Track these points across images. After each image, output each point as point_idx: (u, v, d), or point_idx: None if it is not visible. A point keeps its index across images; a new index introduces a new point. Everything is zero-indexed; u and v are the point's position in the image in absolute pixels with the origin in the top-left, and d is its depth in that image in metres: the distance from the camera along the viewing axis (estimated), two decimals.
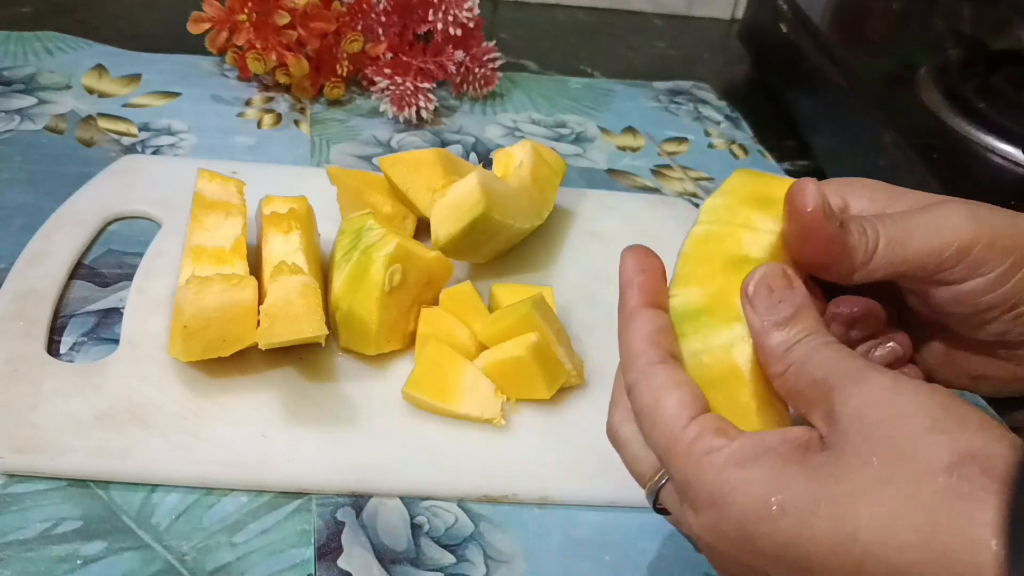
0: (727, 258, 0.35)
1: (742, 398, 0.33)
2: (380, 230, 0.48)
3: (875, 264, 0.34)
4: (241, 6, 0.69)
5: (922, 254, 0.34)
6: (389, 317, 0.48)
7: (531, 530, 0.42)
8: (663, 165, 0.72)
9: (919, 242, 0.34)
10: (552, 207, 0.60)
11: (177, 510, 0.41)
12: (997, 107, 0.62)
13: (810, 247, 0.34)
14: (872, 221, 0.35)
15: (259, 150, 0.66)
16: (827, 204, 0.33)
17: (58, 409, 0.43)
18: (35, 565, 0.38)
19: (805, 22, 0.80)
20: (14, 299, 0.48)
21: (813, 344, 0.31)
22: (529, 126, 0.75)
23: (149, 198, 0.57)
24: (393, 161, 0.55)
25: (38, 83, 0.69)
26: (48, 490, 0.41)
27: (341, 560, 0.40)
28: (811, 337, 0.32)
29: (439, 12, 0.72)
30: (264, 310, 0.43)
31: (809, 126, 0.78)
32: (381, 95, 0.71)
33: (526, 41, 0.90)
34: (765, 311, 0.32)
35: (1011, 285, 0.34)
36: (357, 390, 0.47)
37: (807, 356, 0.31)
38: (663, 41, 0.96)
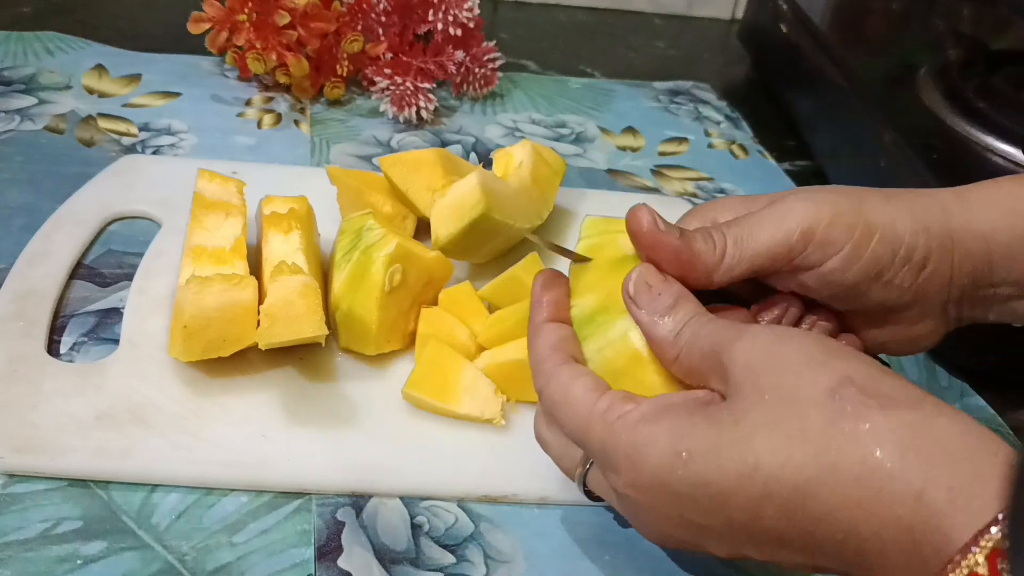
0: (610, 261, 0.39)
1: (647, 378, 0.36)
2: (380, 230, 0.48)
3: (729, 262, 0.37)
4: (241, 6, 0.69)
5: (772, 244, 0.37)
6: (389, 317, 0.48)
7: (531, 530, 0.42)
8: (663, 165, 0.72)
9: (765, 234, 0.37)
10: (552, 207, 0.60)
11: (177, 510, 0.41)
12: (997, 107, 0.62)
13: (661, 259, 0.37)
14: (718, 227, 0.38)
15: (259, 150, 0.66)
16: (660, 220, 0.37)
17: (58, 409, 0.43)
18: (35, 565, 0.38)
19: (805, 22, 0.80)
20: (14, 299, 0.48)
21: (697, 324, 0.35)
22: (529, 126, 0.75)
23: (149, 198, 0.57)
24: (393, 161, 0.55)
25: (38, 83, 0.69)
26: (48, 490, 0.41)
27: (341, 560, 0.40)
28: (695, 319, 0.35)
29: (439, 12, 0.72)
30: (264, 310, 0.43)
31: (809, 126, 0.78)
32: (381, 95, 0.71)
33: (526, 41, 0.90)
34: (648, 305, 0.36)
35: (867, 257, 0.37)
36: (357, 390, 0.47)
37: (694, 335, 0.34)
38: (663, 41, 0.96)
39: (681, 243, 0.37)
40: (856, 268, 0.38)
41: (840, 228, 0.37)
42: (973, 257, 0.38)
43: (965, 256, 0.38)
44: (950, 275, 0.38)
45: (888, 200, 0.38)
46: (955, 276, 0.38)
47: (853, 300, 0.39)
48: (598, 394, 0.35)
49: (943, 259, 0.38)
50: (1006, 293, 0.39)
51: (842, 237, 0.37)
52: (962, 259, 0.38)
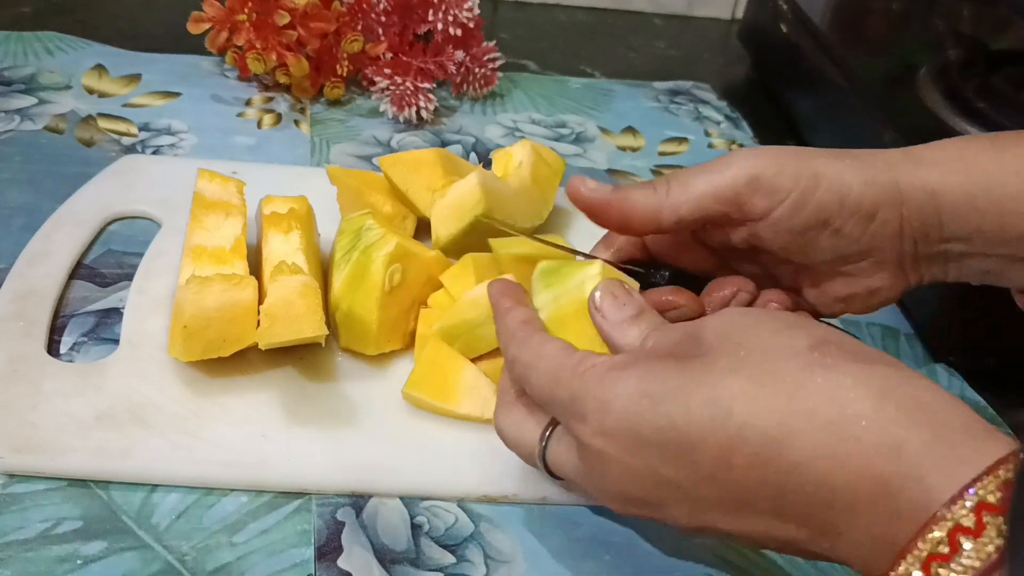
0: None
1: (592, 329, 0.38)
2: (380, 230, 0.48)
3: (674, 201, 0.39)
4: (241, 6, 0.69)
5: (719, 186, 0.39)
6: (389, 317, 0.48)
7: (531, 530, 0.42)
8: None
9: (712, 177, 0.39)
10: (552, 207, 0.60)
11: (177, 510, 0.41)
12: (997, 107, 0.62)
13: (602, 214, 0.40)
14: (665, 176, 0.40)
15: (259, 150, 0.66)
16: (592, 182, 0.40)
17: (58, 409, 0.43)
18: (35, 565, 0.38)
19: (805, 22, 0.80)
20: (14, 299, 0.48)
21: (663, 329, 0.36)
22: (529, 126, 0.75)
23: (149, 198, 0.57)
24: (393, 161, 0.55)
25: (38, 83, 0.69)
26: (48, 490, 0.41)
27: (341, 560, 0.40)
28: (660, 326, 0.36)
29: (439, 12, 0.72)
30: (264, 310, 0.43)
31: (809, 126, 0.78)
32: (381, 95, 0.71)
33: (526, 41, 0.90)
34: (614, 314, 0.37)
35: (813, 205, 0.38)
36: (357, 390, 0.47)
37: (661, 336, 0.35)
38: (663, 41, 0.96)
39: (615, 195, 0.40)
40: (803, 215, 0.38)
41: (786, 176, 0.38)
42: (922, 212, 0.39)
43: (914, 210, 0.39)
44: (899, 227, 0.39)
45: (835, 155, 0.39)
46: (905, 228, 0.39)
47: (805, 251, 0.40)
48: (571, 350, 0.35)
49: (891, 211, 0.38)
50: (959, 250, 0.39)
51: (787, 184, 0.38)
52: (911, 213, 0.39)
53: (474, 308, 0.45)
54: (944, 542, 0.25)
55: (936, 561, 0.25)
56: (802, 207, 0.38)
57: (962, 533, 0.25)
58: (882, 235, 0.39)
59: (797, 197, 0.38)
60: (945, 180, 0.38)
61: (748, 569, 0.42)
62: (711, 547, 0.42)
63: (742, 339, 0.32)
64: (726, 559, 0.42)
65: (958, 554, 0.25)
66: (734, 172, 0.39)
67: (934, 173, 0.38)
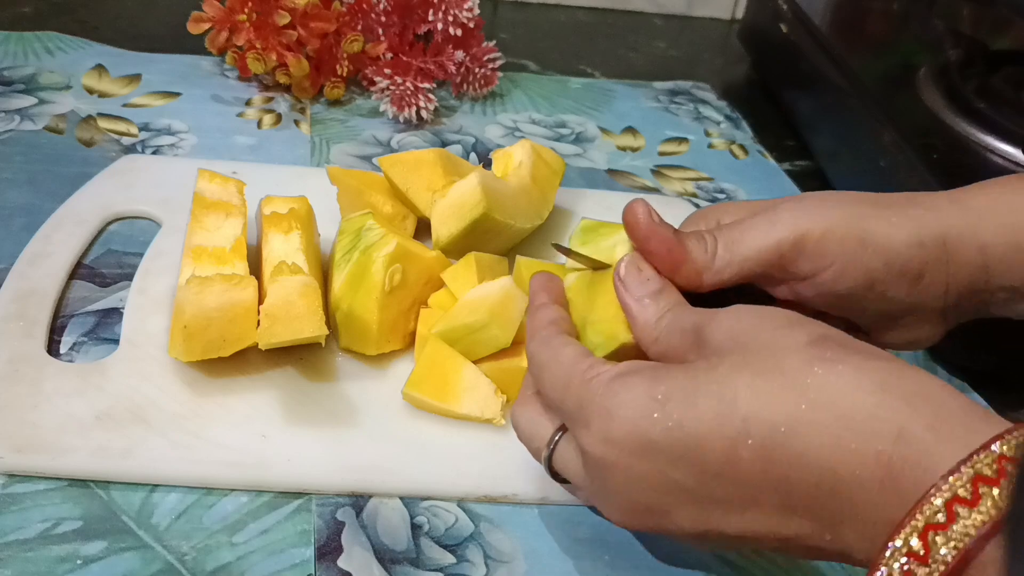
0: None
1: None
2: (380, 230, 0.48)
3: (719, 264, 0.38)
4: (241, 6, 0.69)
5: (762, 251, 0.38)
6: (389, 317, 0.48)
7: (531, 530, 0.42)
8: (663, 165, 0.72)
9: (757, 240, 0.38)
10: (552, 207, 0.60)
11: (177, 510, 0.41)
12: (997, 107, 0.62)
13: (653, 252, 0.38)
14: (712, 230, 0.39)
15: (259, 150, 0.66)
16: (655, 214, 0.38)
17: (58, 409, 0.43)
18: (35, 565, 0.38)
19: (805, 22, 0.80)
20: (14, 299, 0.48)
21: (680, 310, 0.36)
22: (529, 126, 0.75)
23: (149, 198, 0.57)
24: (393, 161, 0.55)
25: (38, 83, 0.69)
26: (48, 490, 0.41)
27: (341, 560, 0.40)
28: (678, 307, 0.36)
29: (439, 12, 0.72)
30: (264, 310, 0.43)
31: (809, 126, 0.78)
32: (381, 95, 0.71)
33: (526, 41, 0.90)
34: (636, 287, 0.37)
35: (859, 271, 0.38)
36: (357, 390, 0.47)
37: (676, 318, 0.36)
38: (663, 41, 0.96)
39: (674, 238, 0.38)
40: (848, 280, 0.38)
41: (832, 241, 0.38)
42: (970, 266, 0.38)
43: (961, 266, 0.38)
44: (946, 284, 0.39)
45: (882, 211, 0.39)
46: (951, 285, 0.39)
47: (849, 309, 0.40)
48: (585, 357, 0.35)
49: (938, 270, 0.38)
50: (1003, 298, 0.39)
51: (834, 249, 0.38)
52: (958, 269, 0.38)
53: (473, 312, 0.45)
54: (941, 510, 0.26)
55: (933, 530, 0.26)
56: (847, 273, 0.38)
57: (959, 503, 0.26)
58: (927, 293, 0.39)
59: (842, 264, 0.38)
60: (995, 235, 0.38)
61: (748, 569, 0.42)
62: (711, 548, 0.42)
63: (746, 338, 0.32)
64: (726, 559, 0.42)
65: (954, 522, 0.26)
66: (779, 234, 0.38)
67: (985, 225, 0.38)
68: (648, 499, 0.33)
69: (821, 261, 0.38)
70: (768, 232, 0.38)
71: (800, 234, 0.38)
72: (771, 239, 0.38)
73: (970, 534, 0.26)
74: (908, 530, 0.27)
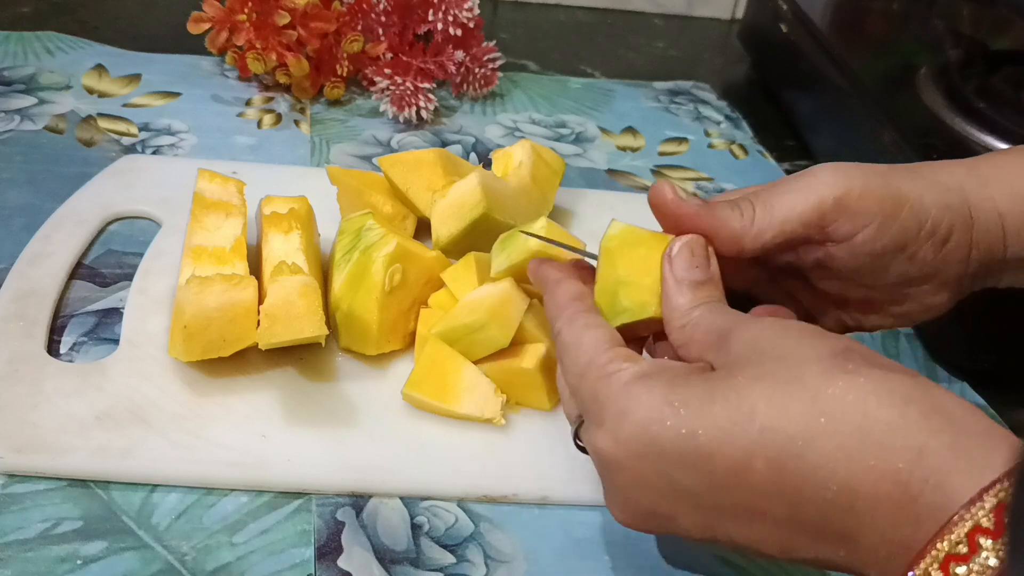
0: None
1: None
2: (380, 230, 0.48)
3: (760, 226, 0.38)
4: (241, 6, 0.69)
5: (804, 209, 0.38)
6: (389, 317, 0.48)
7: (531, 530, 0.42)
8: (663, 165, 0.72)
9: (797, 199, 0.38)
10: (552, 207, 0.60)
11: (177, 510, 0.41)
12: (997, 107, 0.62)
13: (684, 229, 0.38)
14: (746, 196, 0.39)
15: (259, 150, 0.66)
16: (682, 191, 0.38)
17: (58, 409, 0.43)
18: (35, 565, 0.38)
19: (805, 22, 0.80)
20: (14, 299, 0.48)
21: (715, 308, 0.35)
22: (529, 126, 0.75)
23: (149, 198, 0.57)
24: (393, 161, 0.55)
25: (38, 83, 0.69)
26: (48, 490, 0.41)
27: (341, 560, 0.40)
28: (714, 303, 0.36)
29: (439, 12, 0.72)
30: (264, 310, 0.43)
31: (809, 126, 0.78)
32: (381, 95, 0.71)
33: (526, 41, 0.90)
34: (682, 270, 0.36)
35: (895, 230, 0.38)
36: (357, 390, 0.47)
37: (707, 312, 0.35)
38: (663, 41, 0.96)
39: (703, 210, 0.38)
40: (885, 239, 0.38)
41: (872, 201, 0.37)
42: (990, 233, 0.39)
43: (984, 232, 0.39)
44: (969, 249, 0.39)
45: (911, 175, 0.39)
46: (974, 251, 0.39)
47: (873, 274, 0.39)
48: (607, 346, 0.35)
49: (963, 234, 0.38)
50: (1015, 267, 0.40)
51: (873, 208, 0.37)
52: (981, 235, 0.39)
53: (472, 312, 0.45)
54: (963, 542, 0.26)
55: (954, 561, 0.26)
56: (885, 231, 0.38)
57: (981, 534, 0.25)
58: (952, 258, 0.39)
59: (882, 221, 0.37)
60: (1009, 201, 0.38)
61: (749, 569, 0.42)
62: (712, 546, 0.42)
63: (768, 347, 0.32)
64: (727, 560, 0.42)
65: (976, 554, 0.25)
66: (820, 193, 0.38)
67: (1001, 193, 0.38)
68: (653, 503, 0.33)
69: (860, 220, 0.37)
70: (808, 193, 0.38)
71: (841, 192, 0.37)
72: (812, 199, 0.38)
73: (991, 566, 0.25)
74: (929, 560, 0.26)
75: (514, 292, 0.46)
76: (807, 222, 0.38)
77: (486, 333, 0.45)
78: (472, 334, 0.46)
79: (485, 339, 0.46)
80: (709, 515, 0.31)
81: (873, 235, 0.38)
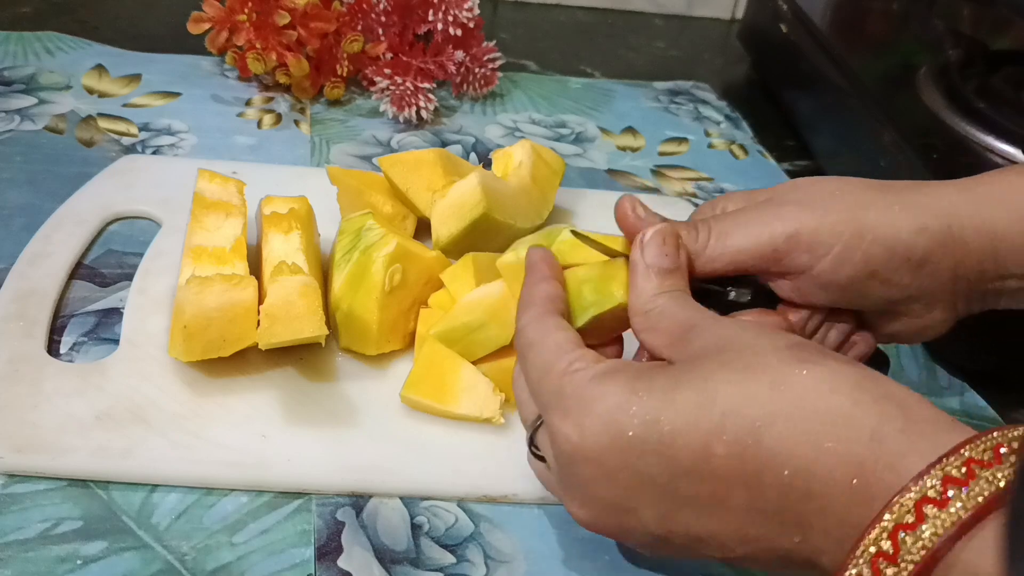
0: None
1: None
2: (380, 230, 0.48)
3: (711, 254, 0.39)
4: (241, 6, 0.69)
5: (756, 244, 0.38)
6: (389, 317, 0.48)
7: (531, 530, 0.42)
8: (663, 165, 0.72)
9: (751, 233, 0.38)
10: (552, 207, 0.60)
11: (177, 510, 0.41)
12: (997, 107, 0.62)
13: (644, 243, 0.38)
14: (706, 221, 0.39)
15: (259, 150, 0.66)
16: (643, 207, 0.39)
17: (58, 409, 0.43)
18: (35, 565, 0.38)
19: (805, 22, 0.80)
20: (14, 299, 0.48)
21: (680, 298, 0.36)
22: (529, 126, 0.75)
23: (149, 198, 0.57)
24: (393, 161, 0.55)
25: (38, 83, 0.69)
26: (48, 490, 0.41)
27: (341, 560, 0.40)
28: (679, 293, 0.36)
29: (439, 12, 0.72)
30: (264, 310, 0.43)
31: (809, 126, 0.78)
32: (381, 95, 0.71)
33: (526, 41, 0.90)
34: (652, 257, 0.37)
35: (858, 259, 0.38)
36: (357, 390, 0.47)
37: (671, 301, 0.36)
38: (663, 41, 0.96)
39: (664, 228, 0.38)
40: (848, 269, 0.38)
41: (826, 233, 0.38)
42: (978, 253, 0.38)
43: (969, 252, 0.38)
44: (953, 271, 0.38)
45: (885, 196, 0.39)
46: (959, 271, 0.39)
47: (854, 299, 0.39)
48: (573, 346, 0.35)
49: (944, 256, 0.38)
50: (1015, 286, 0.39)
51: (829, 240, 0.38)
52: (965, 255, 0.38)
53: (471, 312, 0.45)
54: (911, 511, 0.27)
55: (903, 529, 0.27)
56: (844, 261, 0.38)
57: (928, 503, 0.27)
58: (934, 280, 0.39)
59: (840, 251, 0.38)
60: (1006, 221, 0.38)
61: (748, 569, 0.42)
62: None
63: (726, 342, 0.33)
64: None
65: (923, 522, 0.26)
66: (772, 230, 0.38)
67: (993, 214, 0.38)
68: (615, 495, 0.33)
69: (817, 250, 0.38)
70: (763, 226, 0.38)
71: (794, 228, 0.38)
72: (765, 233, 0.38)
73: (939, 534, 0.26)
74: (878, 530, 0.27)
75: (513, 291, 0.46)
76: (760, 255, 0.38)
77: (485, 332, 0.45)
78: (471, 333, 0.46)
79: (484, 338, 0.46)
80: (670, 506, 0.32)
81: (832, 266, 0.38)
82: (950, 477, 0.27)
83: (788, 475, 0.29)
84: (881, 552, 0.27)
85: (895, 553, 0.27)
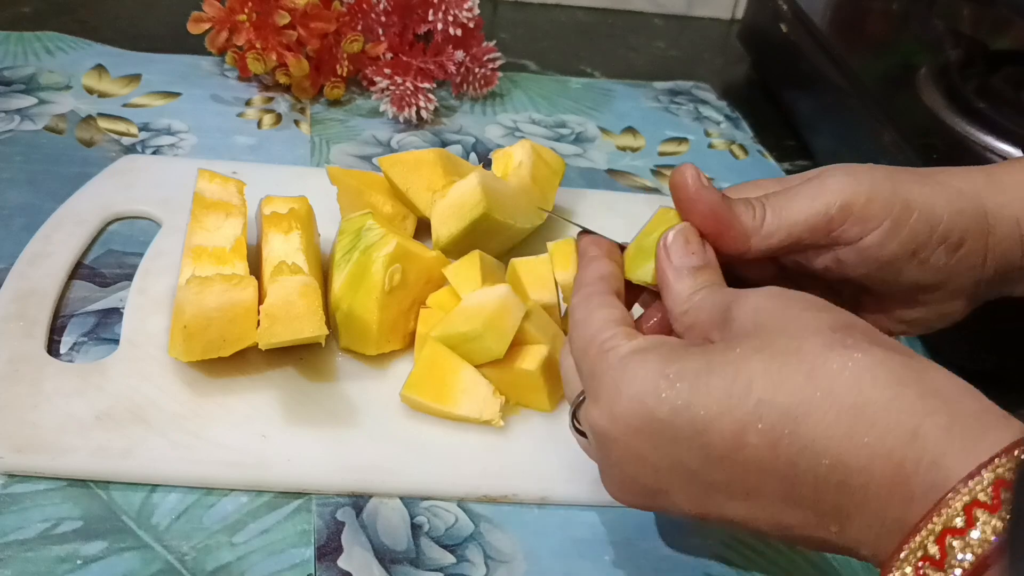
0: None
1: None
2: (380, 230, 0.48)
3: (768, 229, 0.38)
4: (241, 6, 0.69)
5: (810, 214, 0.38)
6: (389, 317, 0.48)
7: (531, 530, 0.42)
8: (663, 165, 0.72)
9: (804, 204, 0.38)
10: (552, 207, 0.60)
11: (177, 510, 0.41)
12: (997, 107, 0.62)
13: (700, 216, 0.38)
14: (759, 198, 0.39)
15: (259, 150, 0.66)
16: (704, 177, 0.38)
17: (59, 409, 0.43)
18: (35, 565, 0.38)
19: (805, 22, 0.80)
20: (14, 299, 0.48)
21: (715, 289, 0.36)
22: (529, 126, 0.75)
23: (149, 198, 0.57)
24: (393, 161, 0.55)
25: (38, 83, 0.69)
26: (48, 490, 0.41)
27: (341, 560, 0.40)
28: (714, 286, 0.36)
29: (439, 12, 0.72)
30: (264, 310, 0.43)
31: (809, 126, 0.78)
32: (381, 95, 0.71)
33: (526, 41, 0.90)
34: (678, 258, 0.37)
35: (904, 235, 0.38)
36: (357, 390, 0.47)
37: (708, 294, 0.35)
38: (663, 41, 0.96)
39: (722, 202, 0.38)
40: (894, 244, 0.38)
41: (879, 205, 0.38)
42: (1009, 240, 0.39)
43: (1001, 238, 0.39)
44: (984, 255, 0.39)
45: (923, 180, 0.39)
46: (988, 256, 0.39)
47: (886, 279, 0.39)
48: (613, 324, 0.35)
49: (978, 240, 0.38)
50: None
51: (881, 213, 0.38)
52: (997, 241, 0.39)
53: (468, 321, 0.45)
54: (960, 515, 0.26)
55: (951, 534, 0.26)
56: (893, 236, 0.38)
57: (978, 507, 0.26)
58: (965, 264, 0.39)
59: (889, 225, 0.38)
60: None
61: (748, 568, 0.42)
62: (711, 545, 0.42)
63: (769, 319, 0.32)
64: (725, 558, 0.42)
65: (973, 527, 0.25)
66: (827, 200, 0.38)
67: (1019, 200, 0.38)
68: (648, 478, 0.33)
69: (868, 224, 0.38)
70: (816, 197, 0.38)
71: (849, 197, 0.38)
72: (819, 203, 0.38)
73: (989, 540, 0.25)
74: (924, 533, 0.26)
75: (512, 301, 0.46)
76: (814, 227, 0.38)
77: (482, 343, 0.45)
78: (468, 343, 0.45)
79: (481, 349, 0.45)
80: (703, 490, 0.32)
81: (880, 239, 0.38)
82: (1002, 480, 0.26)
83: (823, 467, 0.29)
84: (927, 556, 0.26)
85: (942, 558, 0.26)
